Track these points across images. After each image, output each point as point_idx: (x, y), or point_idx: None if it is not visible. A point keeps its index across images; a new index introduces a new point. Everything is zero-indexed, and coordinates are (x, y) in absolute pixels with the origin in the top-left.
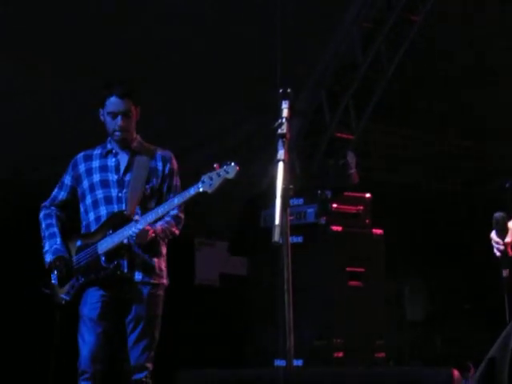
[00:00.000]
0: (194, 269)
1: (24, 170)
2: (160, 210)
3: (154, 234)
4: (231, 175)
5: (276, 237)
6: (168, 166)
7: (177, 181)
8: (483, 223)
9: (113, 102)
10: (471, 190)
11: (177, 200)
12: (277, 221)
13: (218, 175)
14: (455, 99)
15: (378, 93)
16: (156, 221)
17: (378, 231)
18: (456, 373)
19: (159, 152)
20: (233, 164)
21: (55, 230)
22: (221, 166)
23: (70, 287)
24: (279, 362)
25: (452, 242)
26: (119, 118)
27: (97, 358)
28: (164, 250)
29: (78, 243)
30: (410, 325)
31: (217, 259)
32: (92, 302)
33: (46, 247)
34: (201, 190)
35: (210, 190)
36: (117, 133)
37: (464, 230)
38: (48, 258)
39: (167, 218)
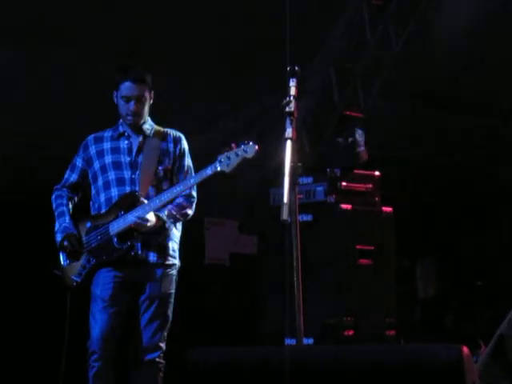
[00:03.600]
0: (204, 248)
1: (36, 146)
2: (175, 190)
3: (157, 224)
4: (250, 155)
5: (284, 215)
6: (179, 146)
7: (189, 161)
8: (496, 200)
9: (127, 87)
10: (482, 166)
11: (193, 180)
12: (285, 199)
13: (237, 155)
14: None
15: (386, 70)
16: (171, 200)
17: (388, 209)
18: (466, 349)
19: (170, 133)
20: (251, 143)
21: (64, 208)
22: (238, 146)
23: (81, 268)
24: (289, 341)
25: (463, 218)
26: (132, 102)
27: (108, 339)
28: (178, 232)
29: (88, 224)
30: (422, 302)
31: (227, 238)
32: (105, 282)
33: (56, 226)
34: (218, 169)
35: (227, 170)
36: (129, 117)
37: (476, 207)
38: (58, 237)
39: (179, 200)
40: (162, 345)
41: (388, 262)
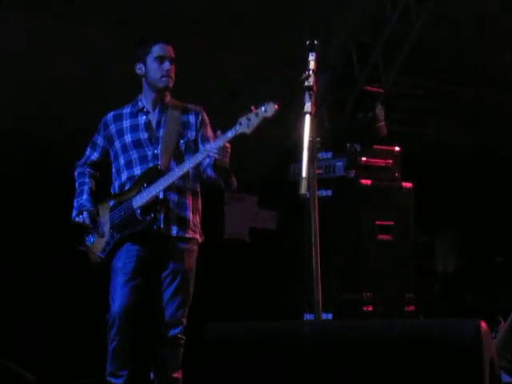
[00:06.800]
0: (223, 223)
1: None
2: (199, 156)
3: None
4: (270, 114)
5: (303, 189)
6: (200, 117)
7: (210, 132)
8: None
9: (160, 47)
10: (500, 142)
11: (214, 145)
12: (303, 173)
13: (257, 115)
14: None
15: (407, 45)
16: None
17: (408, 184)
18: (484, 325)
19: (189, 106)
20: (271, 103)
21: (84, 187)
22: (258, 108)
23: (105, 245)
24: (308, 316)
25: (483, 194)
26: (167, 62)
27: (128, 312)
28: (199, 205)
29: (111, 203)
30: (441, 278)
31: (246, 213)
32: (127, 256)
33: (74, 203)
34: (239, 131)
35: (248, 131)
36: (164, 78)
37: (495, 182)
38: (73, 213)
39: None
40: (184, 320)
41: (407, 237)
